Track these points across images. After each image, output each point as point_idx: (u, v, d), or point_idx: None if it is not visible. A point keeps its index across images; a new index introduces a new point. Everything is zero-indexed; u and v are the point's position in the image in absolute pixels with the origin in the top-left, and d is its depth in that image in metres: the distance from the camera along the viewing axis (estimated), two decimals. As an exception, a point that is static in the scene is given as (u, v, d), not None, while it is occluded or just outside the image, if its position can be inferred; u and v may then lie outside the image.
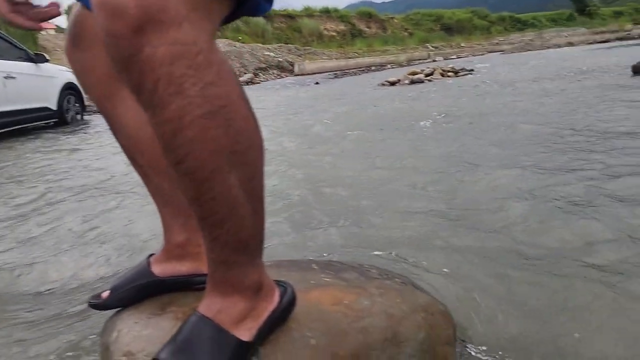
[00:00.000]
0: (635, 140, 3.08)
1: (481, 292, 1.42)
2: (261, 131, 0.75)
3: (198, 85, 0.61)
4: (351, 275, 1.24)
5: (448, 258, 1.67)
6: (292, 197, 2.56)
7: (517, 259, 1.64)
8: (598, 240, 1.71)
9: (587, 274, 1.47)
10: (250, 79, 17.60)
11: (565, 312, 1.30)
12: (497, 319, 1.30)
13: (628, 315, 1.25)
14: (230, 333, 0.79)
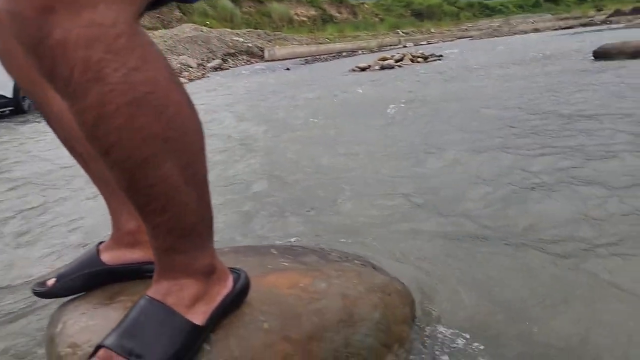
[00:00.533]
0: (595, 122, 3.18)
1: (443, 273, 1.44)
2: (198, 115, 0.72)
3: (120, 71, 0.57)
4: (311, 258, 1.24)
5: (412, 241, 1.69)
6: (256, 185, 2.54)
7: (480, 241, 1.67)
8: (559, 221, 1.75)
9: (547, 254, 1.51)
10: (218, 64, 17.25)
11: (525, 292, 1.32)
12: (457, 299, 1.32)
13: (585, 293, 1.29)
14: (182, 316, 0.77)
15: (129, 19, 0.59)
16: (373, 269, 1.27)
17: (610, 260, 1.42)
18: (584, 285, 1.32)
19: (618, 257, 1.44)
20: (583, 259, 1.46)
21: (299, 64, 17.42)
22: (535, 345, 1.09)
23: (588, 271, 1.38)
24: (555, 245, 1.57)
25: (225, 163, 3.11)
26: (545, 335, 1.12)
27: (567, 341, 1.09)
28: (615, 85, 4.58)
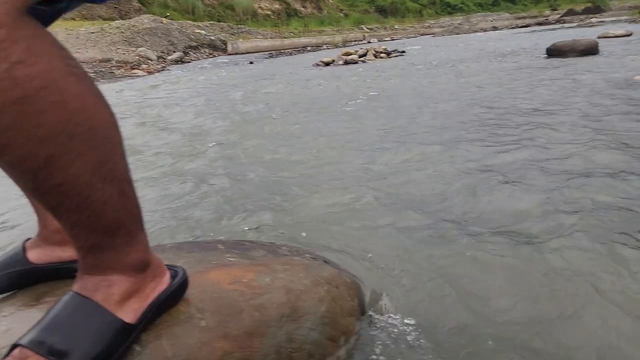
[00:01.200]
0: (547, 116, 3.30)
1: (396, 265, 1.44)
2: (109, 108, 0.67)
3: (1, 66, 0.52)
4: (259, 253, 1.20)
5: (368, 234, 1.68)
6: (213, 179, 2.47)
7: (435, 233, 1.67)
8: (513, 213, 1.79)
9: (501, 246, 1.53)
10: (180, 57, 16.79)
11: (478, 284, 1.33)
12: (409, 291, 1.31)
13: (537, 284, 1.32)
14: (111, 313, 0.71)
15: (11, 9, 0.54)
16: (324, 262, 1.26)
17: (563, 251, 1.45)
18: (536, 276, 1.34)
19: (570, 248, 1.47)
20: (536, 250, 1.48)
21: (262, 58, 17.21)
22: (485, 337, 1.10)
23: (540, 262, 1.41)
24: (509, 236, 1.60)
25: (181, 157, 3.01)
26: (495, 326, 1.13)
27: (516, 332, 1.11)
28: (566, 81, 4.77)
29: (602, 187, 1.91)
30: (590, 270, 1.32)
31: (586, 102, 3.62)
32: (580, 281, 1.27)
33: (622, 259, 1.35)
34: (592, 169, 2.15)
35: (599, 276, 1.28)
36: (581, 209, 1.72)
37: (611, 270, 1.31)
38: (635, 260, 1.34)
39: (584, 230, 1.56)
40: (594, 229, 1.56)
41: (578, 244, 1.48)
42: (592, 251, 1.42)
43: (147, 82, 9.74)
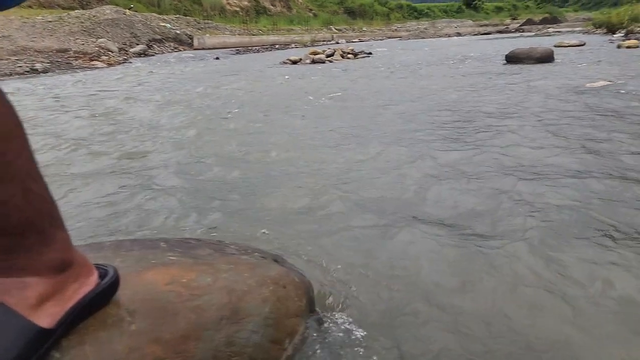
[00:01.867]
0: (503, 119, 3.38)
1: (351, 263, 1.41)
2: (5, 105, 0.61)
3: None
4: (204, 252, 1.15)
5: (324, 232, 1.65)
6: (164, 177, 2.37)
7: (394, 232, 1.65)
8: (467, 211, 1.81)
9: (454, 244, 1.54)
10: (143, 50, 16.27)
11: (431, 282, 1.33)
12: (362, 289, 1.29)
13: (488, 280, 1.33)
14: (24, 317, 0.65)
15: None
16: (273, 261, 1.21)
17: (512, 246, 1.48)
18: (488, 274, 1.34)
19: (517, 242, 1.50)
20: (484, 248, 1.50)
21: (229, 54, 16.95)
22: (432, 335, 1.10)
23: (488, 258, 1.42)
24: (460, 234, 1.61)
25: (133, 152, 2.89)
26: (443, 324, 1.13)
27: (464, 329, 1.11)
28: (522, 87, 4.93)
29: (551, 186, 1.97)
30: (532, 265, 1.34)
31: (540, 107, 3.75)
32: (525, 276, 1.29)
33: (561, 256, 1.39)
34: (542, 169, 2.21)
35: (540, 270, 1.31)
36: (529, 207, 1.76)
37: (552, 266, 1.34)
38: (573, 256, 1.38)
39: (529, 227, 1.59)
40: (538, 226, 1.59)
41: (525, 241, 1.50)
42: (536, 247, 1.45)
43: (107, 74, 9.37)
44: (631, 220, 1.62)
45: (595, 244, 1.47)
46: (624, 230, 1.54)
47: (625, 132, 2.82)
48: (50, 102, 5.38)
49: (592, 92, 4.34)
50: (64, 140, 3.26)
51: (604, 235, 1.52)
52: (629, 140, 2.63)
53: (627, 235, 1.51)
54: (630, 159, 2.31)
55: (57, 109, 4.81)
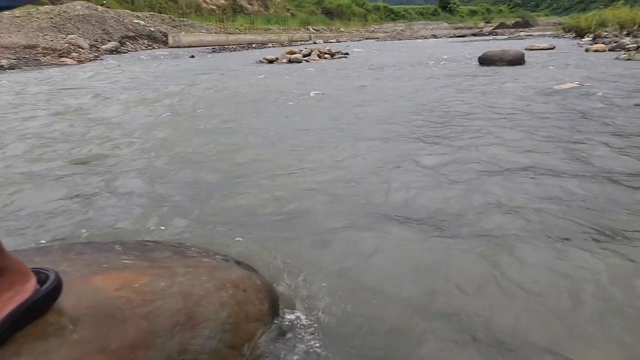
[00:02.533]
0: (475, 119, 3.42)
1: (320, 267, 1.36)
2: None
3: None
4: (162, 254, 1.10)
5: (292, 234, 1.60)
6: (128, 176, 2.29)
7: (361, 234, 1.62)
8: (438, 210, 1.80)
9: (424, 244, 1.53)
10: (115, 47, 15.86)
11: (398, 283, 1.30)
12: (327, 293, 1.24)
13: (457, 281, 1.32)
14: None
15: None
16: (236, 263, 1.18)
17: (481, 246, 1.47)
18: (455, 277, 1.32)
19: (484, 241, 1.50)
20: (457, 249, 1.49)
21: (205, 53, 16.71)
22: (396, 336, 1.08)
23: (459, 261, 1.42)
24: (431, 235, 1.60)
25: (99, 154, 2.79)
26: (410, 330, 1.11)
27: (428, 330, 1.10)
28: (493, 88, 5.02)
29: (519, 184, 1.99)
30: (497, 260, 1.34)
31: (510, 108, 3.81)
32: (488, 272, 1.29)
33: (521, 250, 1.40)
34: (510, 167, 2.24)
35: (504, 267, 1.31)
36: (497, 205, 1.77)
37: (510, 259, 1.34)
38: (539, 253, 1.39)
39: (496, 226, 1.60)
40: (506, 224, 1.60)
41: (492, 240, 1.51)
42: (501, 246, 1.45)
43: (76, 71, 9.08)
44: (598, 216, 1.65)
45: (561, 240, 1.48)
46: (591, 226, 1.57)
47: (590, 131, 2.89)
48: (12, 99, 5.17)
49: (561, 93, 4.44)
50: (20, 139, 3.12)
51: (570, 232, 1.54)
52: (594, 138, 2.70)
53: (594, 231, 1.53)
54: (595, 158, 2.36)
55: (17, 106, 4.62)
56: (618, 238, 1.49)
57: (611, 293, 1.20)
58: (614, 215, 1.67)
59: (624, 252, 1.39)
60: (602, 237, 1.51)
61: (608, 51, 9.74)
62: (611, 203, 1.79)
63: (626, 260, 1.35)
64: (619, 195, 1.88)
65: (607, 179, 2.06)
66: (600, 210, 1.73)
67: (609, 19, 15.60)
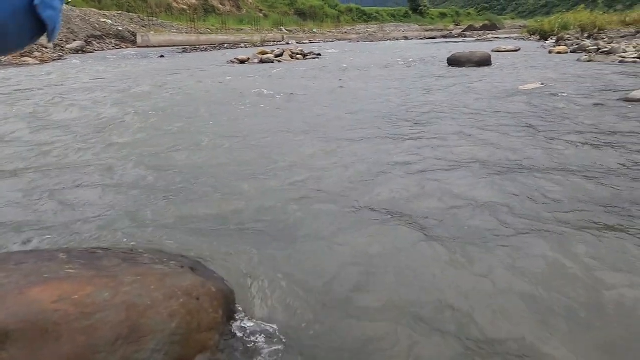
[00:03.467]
0: (443, 119, 3.45)
1: (281, 272, 1.31)
2: None
3: None
4: (110, 262, 1.05)
5: (254, 238, 1.56)
6: (82, 180, 2.19)
7: (329, 237, 1.59)
8: (401, 211, 1.80)
9: (384, 244, 1.52)
10: (80, 47, 15.37)
11: (357, 286, 1.28)
12: (287, 297, 1.20)
13: (414, 277, 1.31)
14: None
15: None
16: (191, 269, 1.13)
17: (443, 244, 1.47)
18: (415, 280, 1.32)
19: (445, 240, 1.50)
20: (415, 250, 1.48)
21: (175, 52, 16.39)
22: (356, 342, 1.06)
23: (418, 256, 1.41)
24: (393, 234, 1.59)
25: (57, 157, 2.67)
26: (370, 334, 1.09)
27: (389, 334, 1.08)
28: (461, 89, 5.10)
29: (482, 178, 2.01)
30: (458, 260, 1.35)
31: (477, 107, 3.88)
32: (445, 269, 1.29)
33: (482, 246, 1.41)
34: (474, 164, 2.27)
35: (460, 261, 1.31)
36: (461, 201, 1.79)
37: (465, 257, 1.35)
38: (488, 249, 1.40)
39: (458, 223, 1.61)
40: (469, 218, 1.61)
41: (453, 239, 1.51)
42: (465, 239, 1.46)
43: (36, 71, 8.74)
44: (557, 207, 1.68)
45: (520, 233, 1.50)
46: (552, 218, 1.59)
47: (552, 129, 2.96)
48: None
49: (525, 93, 4.56)
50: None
51: (530, 226, 1.56)
52: (555, 135, 2.77)
53: (555, 223, 1.56)
54: (555, 153, 2.42)
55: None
56: (583, 228, 1.52)
57: (574, 284, 1.22)
58: (574, 206, 1.70)
59: (588, 242, 1.42)
60: (564, 228, 1.53)
61: (570, 53, 10.08)
62: (570, 195, 1.83)
63: (591, 249, 1.38)
64: (579, 187, 1.92)
65: (568, 172, 2.12)
66: (560, 202, 1.76)
67: (571, 22, 16.18)
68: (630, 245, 1.43)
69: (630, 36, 12.42)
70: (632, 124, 3.08)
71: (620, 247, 1.43)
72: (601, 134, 2.85)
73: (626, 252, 1.39)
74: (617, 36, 12.80)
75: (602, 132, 2.91)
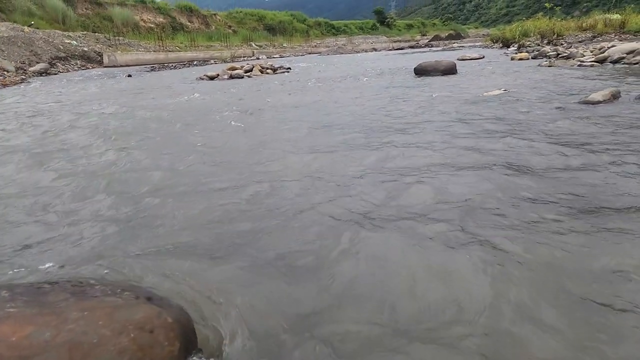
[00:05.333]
0: (411, 127, 3.49)
1: (242, 299, 1.25)
2: None
3: None
4: (57, 297, 0.98)
5: (216, 264, 1.48)
6: (29, 209, 2.09)
7: (285, 262, 1.54)
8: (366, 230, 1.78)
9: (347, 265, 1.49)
10: (44, 69, 14.96)
11: (323, 313, 1.23)
12: (249, 325, 1.15)
13: (384, 298, 1.29)
14: None
15: None
16: (146, 300, 1.07)
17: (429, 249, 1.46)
18: (377, 303, 1.29)
19: (425, 242, 1.49)
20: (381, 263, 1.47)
21: (143, 71, 16.15)
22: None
23: (388, 273, 1.39)
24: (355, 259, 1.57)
25: (7, 181, 2.55)
26: (334, 356, 1.06)
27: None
28: (428, 98, 5.18)
29: (447, 183, 2.02)
30: (428, 263, 1.33)
31: (443, 115, 3.94)
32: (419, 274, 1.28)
33: (448, 251, 1.40)
34: (438, 169, 2.29)
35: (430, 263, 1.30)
36: (428, 206, 1.79)
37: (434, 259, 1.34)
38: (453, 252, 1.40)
39: (415, 226, 1.60)
40: (435, 222, 1.61)
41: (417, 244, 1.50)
42: (437, 247, 1.45)
43: (-3, 96, 8.44)
44: (520, 206, 1.69)
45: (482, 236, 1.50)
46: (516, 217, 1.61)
47: (514, 133, 3.02)
48: None
49: (489, 100, 4.66)
50: None
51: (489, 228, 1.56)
52: (518, 139, 2.82)
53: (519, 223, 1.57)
54: (517, 155, 2.47)
55: None
56: (544, 225, 1.54)
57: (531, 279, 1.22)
58: (536, 205, 1.73)
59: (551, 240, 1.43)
60: (524, 227, 1.55)
61: (531, 59, 10.43)
62: (533, 194, 1.85)
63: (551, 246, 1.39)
64: (539, 186, 1.96)
65: (529, 173, 2.15)
66: (523, 201, 1.78)
67: (531, 29, 16.79)
68: (592, 242, 1.45)
69: (587, 41, 12.97)
70: (591, 125, 3.19)
71: (584, 243, 1.45)
72: (562, 136, 2.94)
73: (590, 248, 1.41)
74: (575, 41, 13.35)
75: (562, 134, 3.00)
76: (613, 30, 13.36)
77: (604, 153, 2.49)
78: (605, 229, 1.57)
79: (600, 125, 3.18)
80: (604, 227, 1.58)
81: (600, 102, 3.98)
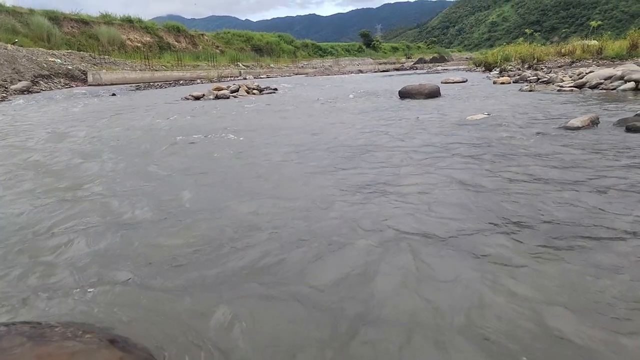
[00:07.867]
0: (394, 150, 3.48)
1: (214, 340, 1.18)
2: None
3: None
4: (11, 343, 0.91)
5: (188, 300, 1.38)
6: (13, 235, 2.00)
7: (262, 300, 1.50)
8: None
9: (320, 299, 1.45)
10: (26, 87, 14.76)
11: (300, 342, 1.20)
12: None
13: (370, 323, 1.24)
14: None
15: None
16: (110, 343, 1.01)
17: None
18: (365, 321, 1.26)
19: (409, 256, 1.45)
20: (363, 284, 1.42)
21: (128, 90, 16.07)
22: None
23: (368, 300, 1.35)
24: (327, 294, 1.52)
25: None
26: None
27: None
28: (411, 121, 5.22)
29: (428, 203, 2.00)
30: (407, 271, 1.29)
31: (427, 139, 3.96)
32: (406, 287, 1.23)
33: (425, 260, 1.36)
34: (421, 190, 2.28)
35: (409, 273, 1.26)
36: (397, 221, 1.75)
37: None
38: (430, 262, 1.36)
39: (397, 244, 1.57)
40: (416, 236, 1.57)
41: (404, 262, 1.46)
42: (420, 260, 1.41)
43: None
44: (498, 228, 1.67)
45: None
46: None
47: (496, 159, 3.04)
48: None
49: (472, 124, 4.71)
50: None
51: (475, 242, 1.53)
52: (499, 164, 2.83)
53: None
54: (499, 180, 2.47)
55: None
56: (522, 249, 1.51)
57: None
58: (515, 228, 1.71)
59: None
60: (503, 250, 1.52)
61: (513, 83, 10.68)
62: (513, 216, 1.84)
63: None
64: (522, 210, 1.94)
65: (512, 195, 2.15)
66: (502, 222, 1.76)
67: (512, 54, 17.26)
68: (571, 267, 1.43)
69: (566, 66, 13.36)
70: (571, 151, 3.22)
71: (566, 270, 1.42)
72: (543, 161, 2.96)
73: (570, 272, 1.39)
74: (555, 66, 13.74)
75: (543, 159, 3.02)
76: (591, 56, 13.80)
77: (584, 181, 2.51)
78: (582, 260, 1.55)
79: (581, 151, 3.22)
80: (580, 258, 1.57)
81: (579, 128, 4.04)
